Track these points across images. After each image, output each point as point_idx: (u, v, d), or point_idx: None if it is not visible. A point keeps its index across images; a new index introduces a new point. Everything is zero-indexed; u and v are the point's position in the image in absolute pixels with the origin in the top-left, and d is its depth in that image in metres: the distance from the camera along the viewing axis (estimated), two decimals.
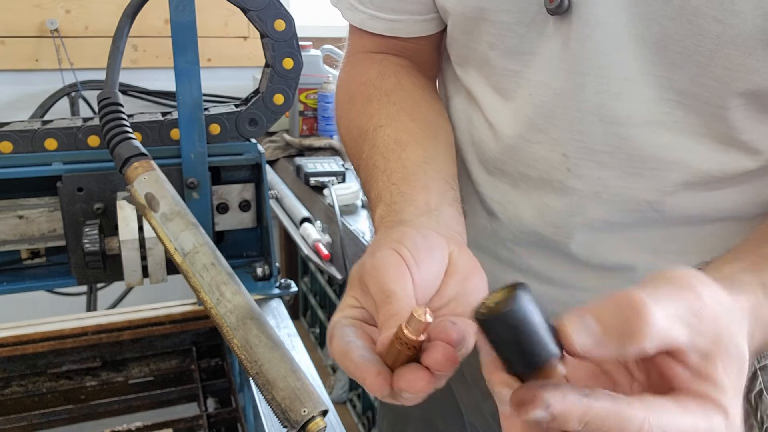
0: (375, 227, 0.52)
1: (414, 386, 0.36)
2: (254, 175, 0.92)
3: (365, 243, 1.36)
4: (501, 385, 0.35)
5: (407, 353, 0.37)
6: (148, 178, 0.68)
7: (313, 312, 2.58)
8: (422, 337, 0.36)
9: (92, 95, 2.06)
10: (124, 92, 2.12)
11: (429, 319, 0.36)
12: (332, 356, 0.40)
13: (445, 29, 0.67)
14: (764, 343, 0.40)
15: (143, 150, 0.71)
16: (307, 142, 2.01)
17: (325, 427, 0.51)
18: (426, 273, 0.42)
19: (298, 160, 1.83)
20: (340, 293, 2.18)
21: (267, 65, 0.88)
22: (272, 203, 1.72)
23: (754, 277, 0.41)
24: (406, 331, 0.36)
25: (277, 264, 0.95)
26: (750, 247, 0.47)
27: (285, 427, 0.51)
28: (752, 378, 0.64)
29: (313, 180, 1.70)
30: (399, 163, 0.55)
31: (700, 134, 0.53)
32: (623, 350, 0.32)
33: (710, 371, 0.34)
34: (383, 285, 0.40)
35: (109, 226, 0.82)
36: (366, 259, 0.43)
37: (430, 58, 0.70)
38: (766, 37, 0.45)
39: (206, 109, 0.87)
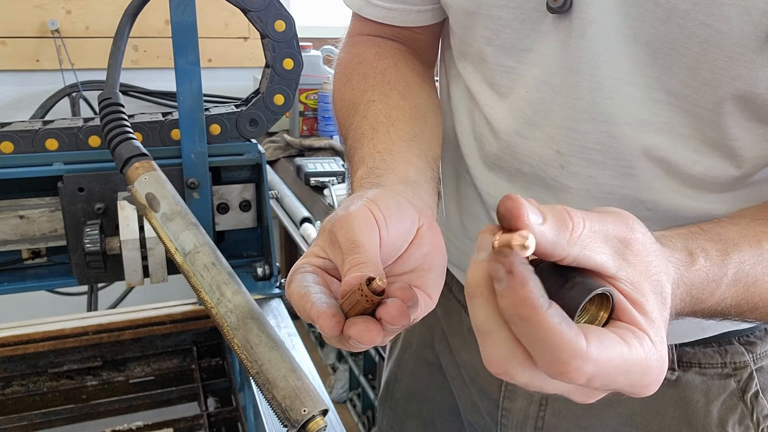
0: (352, 188, 0.53)
1: (364, 336, 0.38)
2: (254, 175, 0.92)
3: None
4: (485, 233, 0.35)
5: (365, 305, 0.39)
6: (149, 178, 0.68)
7: None
8: (383, 294, 0.39)
9: (93, 95, 2.07)
10: (124, 93, 2.12)
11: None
12: (289, 298, 0.42)
13: (443, 21, 0.67)
14: (685, 304, 0.41)
15: (144, 150, 0.72)
16: (307, 142, 2.01)
17: (325, 426, 0.51)
18: (393, 236, 0.43)
19: (299, 161, 1.84)
20: None
21: (267, 66, 0.88)
22: (272, 203, 1.72)
23: (683, 242, 0.42)
24: (371, 285, 0.38)
25: (278, 264, 0.95)
26: (692, 224, 0.47)
27: (285, 426, 0.51)
28: (748, 379, 0.64)
29: (313, 180, 1.70)
30: (386, 136, 0.56)
31: (688, 136, 0.53)
32: (559, 240, 0.33)
33: (641, 299, 0.35)
34: (352, 236, 0.42)
35: (110, 226, 0.83)
36: (338, 212, 0.45)
37: (427, 48, 0.70)
38: (753, 44, 0.45)
39: (207, 109, 0.87)
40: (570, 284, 0.35)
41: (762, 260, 0.45)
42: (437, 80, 0.73)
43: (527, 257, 0.32)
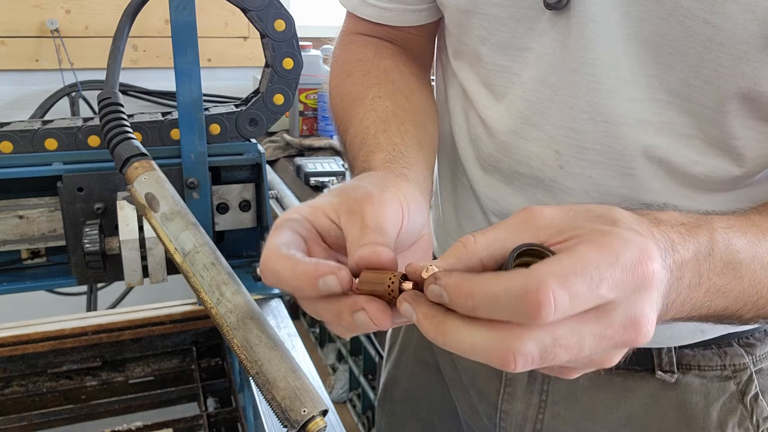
0: (373, 167, 0.52)
1: (378, 316, 0.37)
2: (254, 175, 0.92)
3: None
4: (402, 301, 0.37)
5: (382, 292, 0.38)
6: (148, 178, 0.68)
7: None
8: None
9: (92, 95, 2.06)
10: (124, 92, 2.12)
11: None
12: (266, 248, 0.40)
13: (438, 21, 0.67)
14: (684, 233, 0.39)
15: (143, 150, 0.71)
16: (307, 142, 2.01)
17: (325, 426, 0.51)
18: (408, 233, 0.43)
19: (298, 160, 1.84)
20: None
21: (267, 65, 0.88)
22: (272, 203, 1.72)
23: (673, 214, 0.41)
24: (403, 282, 0.38)
25: None
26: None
27: (285, 426, 0.51)
28: (748, 381, 0.64)
29: (313, 180, 1.70)
30: (398, 133, 0.55)
31: (689, 136, 0.52)
32: (460, 256, 0.36)
33: (574, 233, 0.34)
34: (381, 220, 0.40)
35: (110, 226, 0.83)
36: (368, 185, 0.44)
37: (422, 49, 0.70)
38: (757, 42, 0.45)
39: (206, 109, 0.87)
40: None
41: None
42: (433, 80, 0.73)
43: None
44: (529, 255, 0.34)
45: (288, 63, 0.86)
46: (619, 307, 0.33)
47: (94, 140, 0.85)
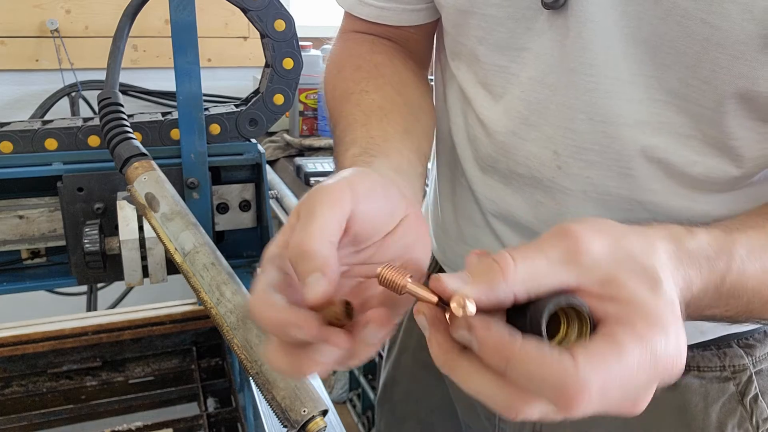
0: (343, 166, 0.50)
1: (381, 324, 0.36)
2: (254, 175, 0.92)
3: None
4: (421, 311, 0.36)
5: (335, 319, 0.36)
6: (148, 178, 0.68)
7: None
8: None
9: (92, 95, 2.06)
10: (124, 92, 2.12)
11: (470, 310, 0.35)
12: (252, 300, 0.38)
13: (437, 21, 0.67)
14: (704, 277, 0.39)
15: (143, 150, 0.71)
16: (307, 142, 2.01)
17: (325, 426, 0.51)
18: (371, 215, 0.40)
19: (298, 160, 1.84)
20: None
21: (267, 65, 0.88)
22: (272, 203, 1.72)
23: (677, 225, 0.41)
24: (348, 308, 0.36)
25: None
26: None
27: (285, 426, 0.51)
28: (747, 382, 0.64)
29: (313, 180, 1.70)
30: (380, 124, 0.55)
31: (688, 136, 0.52)
32: (495, 289, 0.33)
33: (612, 292, 0.34)
34: (305, 244, 0.36)
35: (109, 226, 0.82)
36: (300, 208, 0.40)
37: (421, 48, 0.70)
38: (755, 42, 0.45)
39: (206, 109, 0.87)
40: (531, 314, 0.34)
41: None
42: (431, 80, 0.73)
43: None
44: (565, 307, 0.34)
45: (288, 63, 0.86)
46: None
47: (94, 140, 0.85)
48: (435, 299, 0.35)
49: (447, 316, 0.34)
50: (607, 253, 0.35)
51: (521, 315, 0.34)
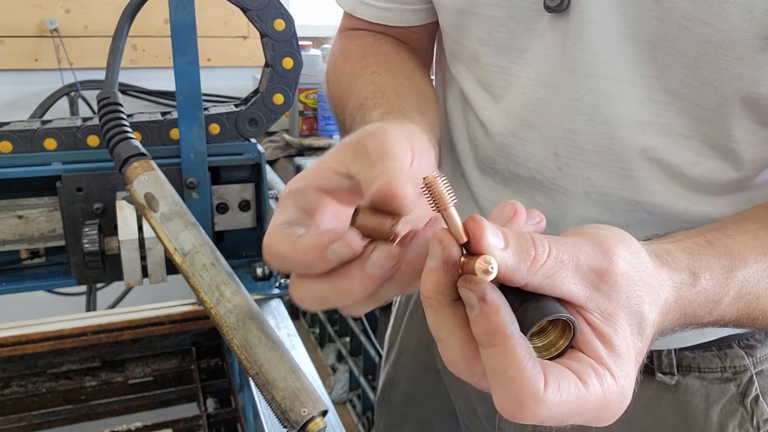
0: (370, 121, 0.49)
1: (385, 260, 0.34)
2: (254, 175, 0.92)
3: None
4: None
5: (386, 237, 0.35)
6: (148, 178, 0.68)
7: (313, 312, 2.58)
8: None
9: (92, 95, 2.06)
10: (123, 92, 2.12)
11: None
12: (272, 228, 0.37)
13: (438, 21, 0.67)
14: (676, 324, 0.40)
15: (143, 150, 0.71)
16: (307, 142, 2.01)
17: (325, 427, 0.51)
18: (419, 172, 0.38)
19: (298, 160, 1.84)
20: None
21: (267, 65, 0.88)
22: (272, 203, 1.72)
23: (687, 259, 0.41)
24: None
25: None
26: (699, 231, 0.46)
27: (285, 427, 0.51)
28: (748, 383, 0.64)
29: None
30: (397, 104, 0.53)
31: (688, 137, 0.52)
32: (519, 267, 0.32)
33: (609, 332, 0.34)
34: (386, 146, 0.36)
35: (109, 226, 0.82)
36: (365, 129, 0.39)
37: (422, 46, 0.70)
38: (755, 43, 0.45)
39: (206, 108, 0.87)
40: (526, 306, 0.33)
41: (766, 275, 0.45)
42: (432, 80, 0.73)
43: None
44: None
45: (288, 62, 0.86)
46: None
47: (93, 140, 0.84)
48: (465, 239, 0.33)
49: (462, 259, 0.33)
50: (622, 288, 0.35)
51: (516, 297, 0.34)
